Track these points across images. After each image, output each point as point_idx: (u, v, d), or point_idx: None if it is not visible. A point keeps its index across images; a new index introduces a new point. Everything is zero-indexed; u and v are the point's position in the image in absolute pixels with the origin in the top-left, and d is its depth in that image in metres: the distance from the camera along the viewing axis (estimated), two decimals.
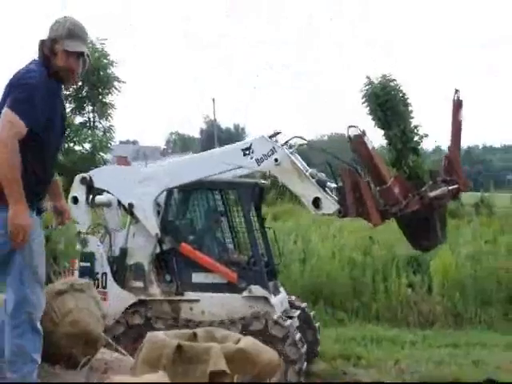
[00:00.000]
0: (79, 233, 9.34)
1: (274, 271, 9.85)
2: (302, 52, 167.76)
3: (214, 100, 73.77)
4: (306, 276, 14.75)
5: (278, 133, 9.25)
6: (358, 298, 14.54)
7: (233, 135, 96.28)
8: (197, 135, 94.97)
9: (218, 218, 9.83)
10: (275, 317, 8.80)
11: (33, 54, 5.24)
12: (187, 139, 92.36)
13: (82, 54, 5.04)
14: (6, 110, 4.66)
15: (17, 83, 4.80)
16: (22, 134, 4.63)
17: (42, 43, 5.01)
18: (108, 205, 9.72)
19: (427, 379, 9.36)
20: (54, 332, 5.20)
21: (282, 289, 9.92)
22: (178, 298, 9.16)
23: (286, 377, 8.58)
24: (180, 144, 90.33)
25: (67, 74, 5.03)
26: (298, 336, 8.83)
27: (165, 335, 4.76)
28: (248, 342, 4.69)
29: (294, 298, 10.45)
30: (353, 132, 8.84)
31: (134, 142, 74.55)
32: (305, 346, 8.97)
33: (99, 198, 9.72)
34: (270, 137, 9.11)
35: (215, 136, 61.05)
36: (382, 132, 24.75)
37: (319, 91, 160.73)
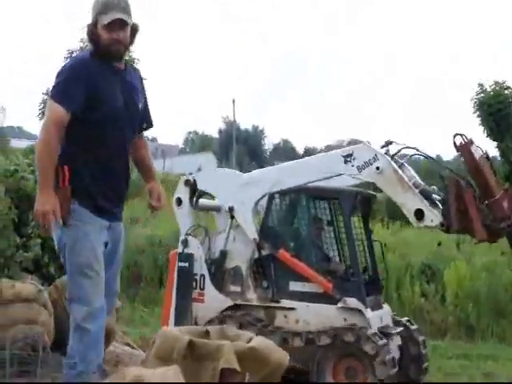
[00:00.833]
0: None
1: (377, 285, 9.64)
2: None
3: (234, 101, 73.65)
4: None
5: (391, 142, 8.96)
6: None
7: (251, 136, 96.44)
8: (215, 135, 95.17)
9: (318, 226, 9.68)
10: (369, 332, 8.52)
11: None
12: (205, 138, 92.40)
13: (121, 21, 4.74)
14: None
15: (56, 74, 4.79)
16: (62, 119, 4.57)
17: (87, 29, 4.84)
18: (216, 209, 9.77)
19: None
20: (67, 323, 5.19)
21: (385, 305, 9.62)
22: (274, 304, 9.07)
23: None
24: (198, 143, 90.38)
25: (115, 48, 4.77)
26: (389, 356, 8.52)
27: (177, 331, 4.76)
28: (260, 342, 4.69)
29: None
30: (459, 140, 8.50)
31: (153, 140, 74.67)
32: (395, 368, 8.64)
33: (207, 202, 9.81)
34: (382, 146, 8.91)
35: (234, 136, 61.11)
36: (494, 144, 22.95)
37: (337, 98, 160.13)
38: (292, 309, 8.95)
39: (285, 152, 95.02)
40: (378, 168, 8.68)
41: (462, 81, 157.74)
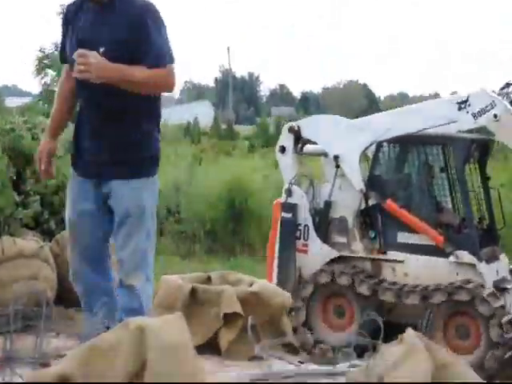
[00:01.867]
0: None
1: (494, 236, 9.10)
2: None
3: (228, 49, 73.06)
4: None
5: (511, 84, 8.63)
6: None
7: (247, 83, 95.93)
8: (211, 84, 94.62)
9: (429, 176, 9.17)
10: (485, 293, 8.06)
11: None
12: (201, 88, 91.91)
13: None
14: None
15: None
16: (65, 73, 4.42)
17: None
18: (323, 154, 9.31)
19: None
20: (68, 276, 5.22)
21: (502, 256, 8.98)
22: (381, 256, 8.73)
23: (483, 360, 8.01)
24: (194, 93, 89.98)
25: None
26: (506, 318, 7.99)
27: (180, 279, 4.79)
28: (261, 286, 4.70)
29: None
30: None
31: None
32: None
33: (311, 148, 9.41)
34: (502, 88, 8.51)
35: (230, 85, 60.79)
36: None
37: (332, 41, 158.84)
38: (400, 261, 8.60)
39: (281, 97, 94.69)
40: (495, 116, 8.24)
41: None
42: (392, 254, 8.64)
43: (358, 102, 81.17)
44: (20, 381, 3.05)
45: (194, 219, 14.36)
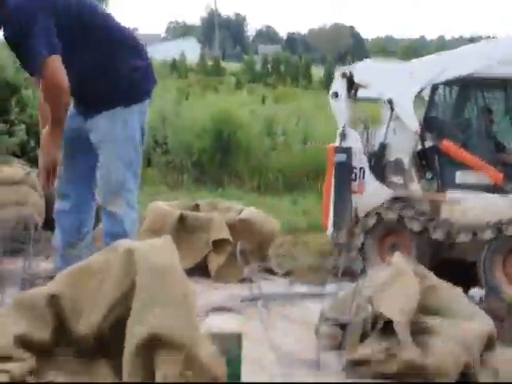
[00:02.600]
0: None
1: None
2: None
3: None
4: (307, 155, 14.75)
5: None
6: None
7: (233, 22, 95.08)
8: (197, 23, 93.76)
9: (487, 116, 8.81)
10: None
11: None
12: (187, 27, 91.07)
13: None
14: None
15: None
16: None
17: None
18: (376, 100, 9.12)
19: None
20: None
21: None
22: (439, 196, 8.48)
23: None
24: (180, 31, 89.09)
25: None
26: None
27: (168, 205, 4.78)
28: (250, 213, 4.71)
29: None
30: None
31: (134, 30, 73.45)
32: None
33: (365, 93, 9.07)
34: None
35: (216, 23, 60.24)
36: None
37: None
38: (458, 201, 8.32)
39: (268, 37, 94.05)
40: None
41: None
42: (450, 194, 8.41)
43: (344, 43, 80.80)
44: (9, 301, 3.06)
45: (181, 150, 14.34)
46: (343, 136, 8.76)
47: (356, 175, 8.73)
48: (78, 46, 4.02)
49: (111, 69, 4.14)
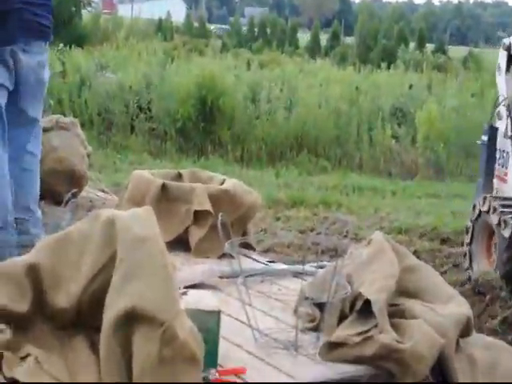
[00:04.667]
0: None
1: None
2: None
3: None
4: (291, 124, 14.78)
5: None
6: (342, 148, 14.69)
7: None
8: None
9: None
10: None
11: None
12: None
13: None
14: None
15: None
16: None
17: None
18: None
19: (406, 226, 9.47)
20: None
21: None
22: None
23: None
24: None
25: None
26: None
27: (150, 174, 4.77)
28: (233, 184, 4.70)
29: None
30: None
31: None
32: None
33: None
34: None
35: None
36: None
37: None
38: None
39: None
40: None
41: None
42: None
43: (331, 5, 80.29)
44: None
45: (165, 116, 14.30)
46: (498, 115, 7.94)
47: (500, 159, 7.87)
48: None
49: None
